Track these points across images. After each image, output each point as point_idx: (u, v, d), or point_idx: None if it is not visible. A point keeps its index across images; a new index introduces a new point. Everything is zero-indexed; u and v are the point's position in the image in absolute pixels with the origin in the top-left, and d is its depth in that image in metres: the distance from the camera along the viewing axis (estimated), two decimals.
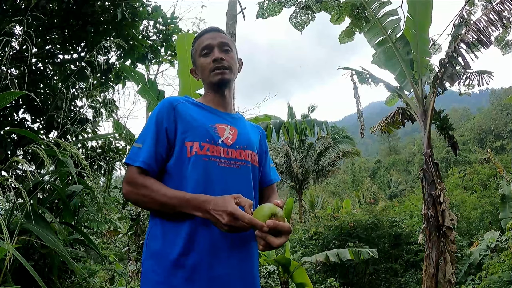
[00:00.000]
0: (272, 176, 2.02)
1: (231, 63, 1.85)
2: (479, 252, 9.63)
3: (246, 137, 1.84)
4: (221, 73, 1.80)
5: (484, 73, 7.75)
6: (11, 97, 1.86)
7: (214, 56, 1.81)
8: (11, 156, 3.38)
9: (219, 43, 1.85)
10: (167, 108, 1.71)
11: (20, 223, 1.74)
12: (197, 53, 1.89)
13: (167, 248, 1.58)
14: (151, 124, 1.70)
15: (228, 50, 1.87)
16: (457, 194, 16.15)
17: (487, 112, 72.50)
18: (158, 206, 1.59)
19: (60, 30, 4.17)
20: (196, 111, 1.77)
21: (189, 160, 1.63)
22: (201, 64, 1.86)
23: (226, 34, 1.94)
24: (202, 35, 1.90)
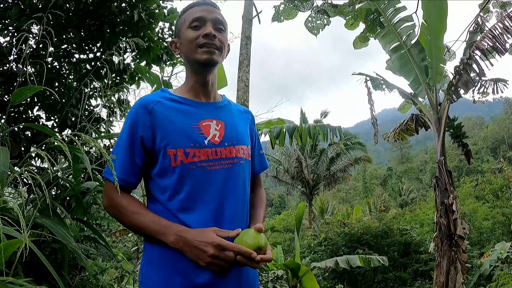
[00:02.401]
0: (257, 166, 1.87)
1: (222, 44, 1.64)
2: (489, 263, 9.51)
3: (234, 130, 1.67)
4: (210, 51, 1.59)
5: (499, 81, 7.70)
6: (28, 92, 1.88)
7: (206, 30, 1.58)
8: (25, 153, 3.42)
9: (214, 19, 1.63)
10: (142, 113, 1.54)
11: (34, 217, 1.76)
12: (185, 23, 1.65)
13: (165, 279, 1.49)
14: (125, 133, 1.56)
15: (222, 29, 1.65)
16: (468, 203, 16.00)
17: (500, 121, 71.83)
18: (134, 229, 1.52)
19: (77, 30, 4.21)
20: (175, 110, 1.58)
21: (174, 170, 1.50)
22: (188, 37, 1.61)
23: (221, 12, 1.71)
24: (194, 5, 1.67)
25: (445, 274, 6.54)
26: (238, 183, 1.61)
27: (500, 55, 6.67)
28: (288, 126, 6.03)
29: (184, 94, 1.67)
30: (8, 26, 3.86)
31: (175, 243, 1.41)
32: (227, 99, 1.83)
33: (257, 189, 1.87)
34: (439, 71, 7.60)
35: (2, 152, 1.62)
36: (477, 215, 14.80)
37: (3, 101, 3.57)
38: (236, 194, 1.58)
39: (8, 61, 3.70)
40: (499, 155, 52.46)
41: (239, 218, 1.59)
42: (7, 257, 1.25)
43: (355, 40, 7.75)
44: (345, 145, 24.22)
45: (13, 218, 1.59)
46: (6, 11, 3.79)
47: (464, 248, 6.55)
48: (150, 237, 1.48)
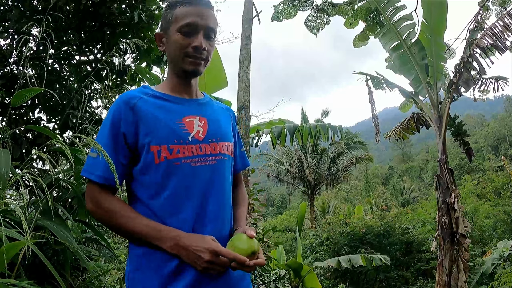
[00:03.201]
0: (239, 164, 1.86)
1: (209, 54, 1.62)
2: (491, 261, 9.51)
3: (217, 127, 1.66)
4: (196, 64, 1.58)
5: (500, 79, 7.69)
6: (29, 94, 1.88)
7: (198, 43, 1.55)
8: (26, 155, 3.42)
9: (207, 26, 1.58)
10: (124, 109, 1.50)
11: (36, 219, 1.76)
12: (174, 24, 1.58)
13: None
14: (106, 129, 1.51)
15: (212, 38, 1.62)
16: (470, 202, 15.99)
17: (501, 119, 71.81)
18: (126, 234, 1.46)
19: (77, 32, 4.21)
20: (158, 106, 1.56)
21: (158, 166, 1.47)
22: (177, 41, 1.57)
23: (213, 11, 1.65)
24: (187, 3, 1.58)
25: (447, 273, 6.53)
26: (223, 180, 1.61)
27: (500, 53, 6.67)
28: (289, 126, 6.03)
29: (166, 91, 1.65)
30: (9, 28, 3.86)
31: (172, 249, 1.41)
32: (208, 96, 1.82)
33: (239, 187, 1.87)
34: (440, 70, 7.60)
35: (4, 154, 1.62)
36: (478, 213, 14.79)
37: (4, 104, 3.57)
38: (221, 191, 1.58)
39: (9, 63, 3.70)
40: (501, 153, 52.38)
41: (223, 214, 1.59)
42: (9, 259, 1.25)
43: (355, 39, 7.76)
44: (346, 144, 24.21)
45: (15, 220, 1.60)
46: (6, 13, 3.79)
47: (466, 246, 6.55)
48: (142, 241, 1.45)
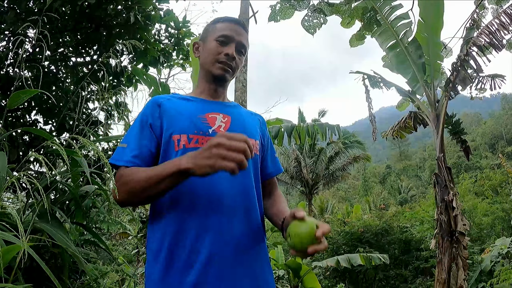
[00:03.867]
0: (271, 168, 1.88)
1: (237, 67, 1.76)
2: (490, 258, 9.52)
3: (241, 124, 1.73)
4: (225, 69, 1.70)
5: (496, 77, 7.70)
6: (25, 95, 1.87)
7: (230, 51, 1.69)
8: (23, 157, 3.41)
9: (239, 42, 1.74)
10: (151, 106, 1.64)
11: (33, 222, 1.75)
12: (213, 34, 1.76)
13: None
14: (136, 124, 1.63)
15: (242, 53, 1.77)
16: (468, 200, 16.03)
17: (498, 117, 72.03)
18: (144, 185, 1.42)
19: (73, 33, 4.20)
20: (182, 104, 1.68)
21: (176, 154, 1.53)
22: (212, 48, 1.72)
23: (247, 36, 1.83)
24: (228, 21, 1.77)
25: (446, 271, 6.53)
26: (242, 173, 1.52)
27: (497, 51, 6.69)
28: (287, 126, 6.02)
29: (195, 95, 1.78)
30: (4, 30, 3.85)
31: (186, 162, 1.32)
32: (237, 103, 1.91)
33: (275, 194, 1.88)
34: (437, 68, 7.60)
35: (0, 156, 1.60)
36: (477, 211, 14.82)
37: (0, 106, 3.56)
38: (234, 184, 1.57)
39: (5, 65, 3.68)
40: (498, 150, 52.47)
41: (239, 206, 1.57)
42: (6, 263, 1.24)
43: (351, 38, 7.76)
44: (343, 143, 24.21)
45: (12, 224, 1.58)
46: (2, 15, 3.77)
47: (465, 244, 6.56)
48: (161, 188, 1.41)
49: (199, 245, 1.47)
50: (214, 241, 1.48)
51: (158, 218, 1.56)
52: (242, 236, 1.54)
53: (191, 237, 1.48)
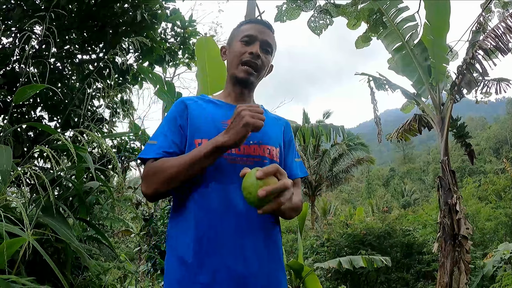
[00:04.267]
0: (294, 170, 1.82)
1: (263, 66, 1.74)
2: (492, 263, 9.47)
3: (263, 131, 1.62)
4: (248, 72, 1.69)
5: (502, 81, 7.69)
6: (31, 91, 1.88)
7: (253, 49, 1.69)
8: (27, 153, 3.42)
9: (264, 41, 1.73)
10: (179, 107, 1.67)
11: (37, 216, 1.75)
12: (237, 36, 1.76)
13: (181, 252, 1.52)
14: (164, 122, 1.66)
15: (268, 51, 1.76)
16: (471, 204, 15.94)
17: (503, 122, 71.72)
18: (178, 170, 1.46)
19: (79, 31, 4.21)
20: (208, 108, 1.69)
21: None
22: (236, 49, 1.73)
23: (274, 36, 1.81)
24: (252, 23, 1.79)
25: (448, 275, 6.52)
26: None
27: (503, 54, 6.66)
28: (291, 126, 6.02)
29: (221, 99, 1.79)
30: (11, 27, 3.86)
31: (222, 138, 1.42)
32: (264, 108, 1.85)
33: (295, 192, 1.82)
34: (442, 71, 7.59)
35: (5, 151, 1.61)
36: (480, 215, 14.74)
37: (6, 102, 3.57)
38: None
39: (11, 61, 3.70)
40: (502, 155, 52.21)
41: (253, 213, 1.53)
42: (10, 255, 1.25)
43: (357, 40, 7.74)
44: (347, 145, 24.15)
45: (16, 217, 1.59)
46: (9, 12, 3.79)
47: (467, 248, 6.54)
48: (195, 170, 1.47)
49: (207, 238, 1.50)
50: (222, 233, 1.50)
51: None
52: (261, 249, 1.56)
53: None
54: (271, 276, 1.59)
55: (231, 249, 1.50)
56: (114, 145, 4.06)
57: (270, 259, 1.60)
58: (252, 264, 1.52)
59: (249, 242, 1.53)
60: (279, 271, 1.63)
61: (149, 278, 6.80)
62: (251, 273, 1.51)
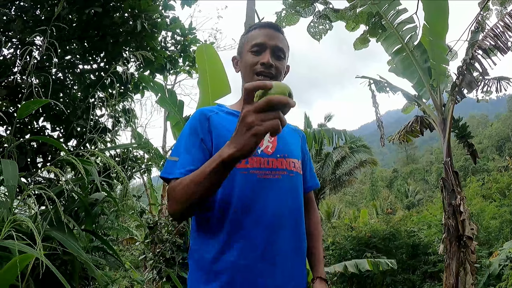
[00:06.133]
0: (309, 183, 1.85)
1: (278, 73, 1.66)
2: (498, 262, 9.45)
3: (286, 144, 1.69)
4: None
5: (502, 79, 7.69)
6: (35, 105, 1.89)
7: (265, 59, 1.61)
8: (30, 164, 3.43)
9: (274, 46, 1.65)
10: (200, 119, 1.60)
11: (44, 230, 1.76)
12: (246, 46, 1.69)
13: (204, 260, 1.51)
14: (185, 136, 1.58)
15: (281, 57, 1.68)
16: (475, 203, 15.92)
17: (505, 119, 71.50)
18: (191, 188, 1.34)
19: (80, 41, 4.23)
20: (230, 121, 1.60)
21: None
22: (247, 61, 1.66)
23: (284, 36, 1.73)
24: (259, 27, 1.70)
25: (454, 276, 6.50)
26: (289, 194, 1.60)
27: (502, 53, 6.67)
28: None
29: (239, 109, 1.64)
30: (12, 38, 3.88)
31: (228, 149, 1.21)
32: None
33: (311, 211, 1.86)
34: (442, 72, 7.60)
35: (11, 165, 1.62)
36: (484, 214, 14.71)
37: (8, 113, 3.59)
38: (283, 204, 1.56)
39: (13, 73, 3.71)
40: (505, 153, 52.07)
41: (288, 225, 1.57)
42: (20, 270, 1.26)
43: (355, 41, 7.77)
44: (350, 148, 24.10)
45: (23, 232, 1.60)
46: (10, 23, 3.81)
47: (472, 249, 6.52)
48: (206, 186, 1.33)
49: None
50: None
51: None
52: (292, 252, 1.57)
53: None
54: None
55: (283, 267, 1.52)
56: (118, 154, 4.07)
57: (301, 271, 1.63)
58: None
59: (294, 257, 1.58)
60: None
61: (155, 286, 6.80)
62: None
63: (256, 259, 1.48)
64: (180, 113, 5.50)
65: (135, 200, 5.23)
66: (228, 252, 1.48)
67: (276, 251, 1.51)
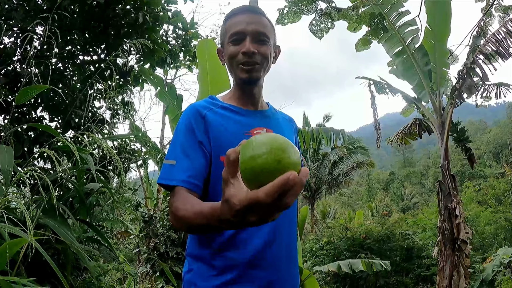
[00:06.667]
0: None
1: (264, 57, 1.56)
2: (492, 268, 9.48)
3: (282, 134, 1.48)
4: (249, 70, 1.54)
5: (502, 85, 7.71)
6: (33, 91, 1.88)
7: (245, 48, 1.51)
8: (28, 153, 3.43)
9: (254, 32, 1.53)
10: (195, 118, 1.51)
11: (37, 217, 1.75)
12: (226, 36, 1.60)
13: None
14: (181, 136, 1.49)
15: (265, 41, 1.56)
16: (471, 208, 15.95)
17: (503, 126, 71.57)
18: (196, 229, 1.30)
19: (81, 32, 4.22)
20: (227, 117, 1.55)
21: None
22: (229, 52, 1.57)
23: (265, 16, 1.61)
24: (236, 14, 1.59)
25: (448, 279, 6.51)
26: None
27: (503, 59, 6.68)
28: None
29: (233, 102, 1.64)
30: (13, 26, 3.87)
31: (226, 226, 1.05)
32: (272, 107, 1.79)
33: None
34: (443, 75, 7.60)
35: (7, 151, 1.61)
36: (479, 220, 14.75)
37: (7, 102, 3.58)
38: None
39: (13, 61, 3.70)
40: (502, 159, 52.14)
41: (286, 226, 1.56)
42: (11, 256, 1.25)
43: (357, 42, 7.77)
44: (347, 149, 24.13)
45: (16, 218, 1.59)
46: (11, 12, 3.80)
47: (467, 252, 6.54)
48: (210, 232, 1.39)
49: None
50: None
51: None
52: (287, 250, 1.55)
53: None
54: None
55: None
56: (115, 147, 4.06)
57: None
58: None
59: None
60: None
61: (148, 280, 6.80)
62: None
63: (258, 251, 1.46)
64: (179, 107, 5.49)
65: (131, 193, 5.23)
66: (231, 246, 1.45)
67: (276, 241, 1.49)
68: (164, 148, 11.83)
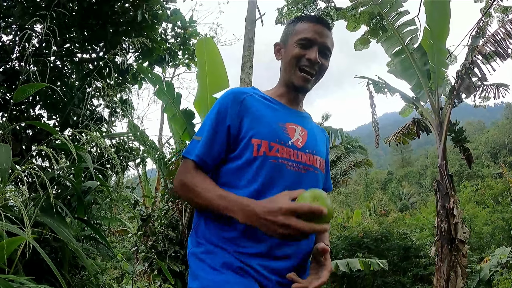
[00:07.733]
0: (325, 184, 1.83)
1: (320, 72, 1.67)
2: (489, 268, 9.50)
3: (315, 141, 1.70)
4: (306, 79, 1.63)
5: (500, 86, 7.72)
6: (32, 89, 1.87)
7: (312, 56, 1.60)
8: (25, 151, 3.42)
9: (323, 45, 1.63)
10: (232, 102, 1.57)
11: (35, 215, 1.75)
12: (293, 36, 1.66)
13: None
14: (212, 118, 1.57)
15: (327, 55, 1.67)
16: (469, 208, 16.00)
17: (501, 126, 71.75)
18: (202, 207, 1.50)
19: (80, 29, 4.20)
20: (265, 106, 1.63)
21: (255, 159, 1.50)
22: (292, 53, 1.63)
23: (331, 35, 1.71)
24: (310, 21, 1.66)
25: (445, 278, 6.52)
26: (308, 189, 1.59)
27: (502, 60, 6.68)
28: None
29: (275, 97, 1.71)
30: (11, 24, 3.86)
31: (245, 220, 1.37)
32: (308, 114, 1.86)
33: None
34: (441, 75, 7.61)
35: (5, 149, 1.61)
36: (477, 220, 14.80)
37: (5, 99, 3.56)
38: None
39: (11, 59, 3.69)
40: (500, 160, 52.25)
41: None
42: (9, 254, 1.24)
43: (356, 42, 7.77)
44: (345, 148, 24.11)
45: (14, 216, 1.59)
46: (9, 9, 3.79)
47: (464, 252, 6.55)
48: (217, 213, 1.46)
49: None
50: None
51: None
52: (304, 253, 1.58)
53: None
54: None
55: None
56: (113, 145, 4.05)
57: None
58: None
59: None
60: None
61: (146, 278, 6.79)
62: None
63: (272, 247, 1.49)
64: (177, 105, 5.49)
65: (129, 192, 5.22)
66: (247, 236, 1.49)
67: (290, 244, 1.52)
68: (163, 146, 11.81)
